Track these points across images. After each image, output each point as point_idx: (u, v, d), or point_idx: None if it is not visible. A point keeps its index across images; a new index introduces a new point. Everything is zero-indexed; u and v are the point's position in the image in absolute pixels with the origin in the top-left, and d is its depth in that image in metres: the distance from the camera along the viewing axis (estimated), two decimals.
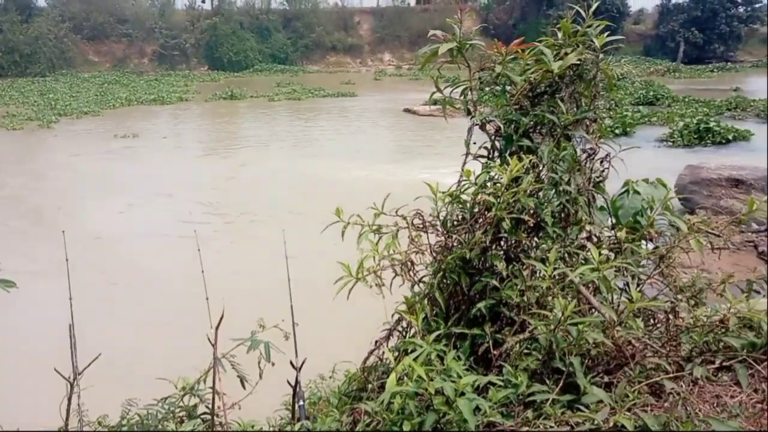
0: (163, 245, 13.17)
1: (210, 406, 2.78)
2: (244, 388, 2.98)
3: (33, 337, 8.91)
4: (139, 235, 14.26)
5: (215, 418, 2.76)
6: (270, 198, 17.12)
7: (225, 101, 40.28)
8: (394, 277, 3.02)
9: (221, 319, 2.91)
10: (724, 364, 2.32)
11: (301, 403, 2.73)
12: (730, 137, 20.94)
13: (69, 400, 2.63)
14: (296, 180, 19.12)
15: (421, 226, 3.11)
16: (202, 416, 2.87)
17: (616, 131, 21.77)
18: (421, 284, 3.05)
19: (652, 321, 2.79)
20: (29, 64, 53.49)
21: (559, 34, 3.09)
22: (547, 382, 2.24)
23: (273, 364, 2.93)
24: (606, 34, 3.03)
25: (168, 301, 9.99)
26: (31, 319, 9.39)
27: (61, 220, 14.52)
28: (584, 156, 3.18)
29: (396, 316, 2.99)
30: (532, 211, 2.85)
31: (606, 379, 2.31)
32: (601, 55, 3.08)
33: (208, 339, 2.90)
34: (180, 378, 3.07)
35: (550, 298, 2.55)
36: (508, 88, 3.16)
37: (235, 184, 19.18)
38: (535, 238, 2.97)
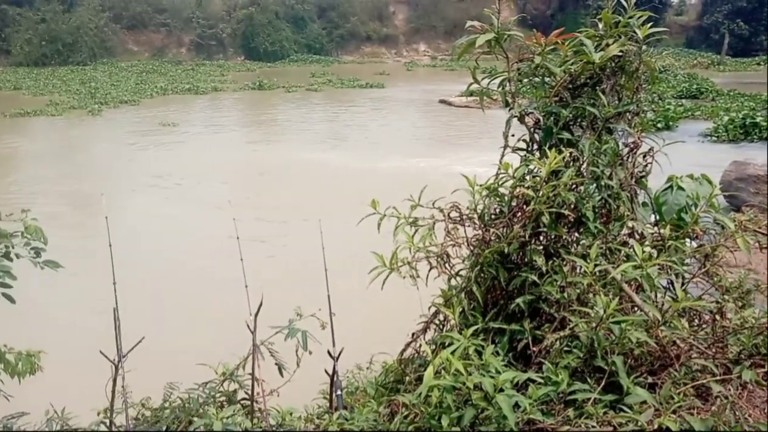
0: (203, 232, 13.41)
1: (249, 392, 2.83)
2: (281, 375, 3.02)
3: (80, 318, 9.20)
4: (179, 223, 14.55)
5: (254, 404, 2.81)
6: (306, 188, 17.24)
7: (254, 91, 40.60)
8: (430, 270, 3.02)
9: (260, 306, 2.95)
10: None
11: (339, 392, 2.75)
12: None
13: (114, 381, 2.70)
14: (331, 171, 19.21)
15: (458, 218, 3.09)
16: (242, 402, 2.92)
17: (659, 125, 21.30)
18: (457, 278, 3.04)
19: (697, 321, 2.73)
20: (71, 53, 54.71)
21: (600, 25, 3.03)
22: (589, 380, 2.21)
23: (310, 353, 2.96)
24: (648, 25, 2.96)
25: (208, 287, 10.18)
26: (76, 301, 9.69)
27: (104, 206, 14.88)
28: (626, 150, 3.12)
29: (433, 309, 2.99)
30: (572, 206, 2.81)
31: (650, 379, 2.27)
32: (644, 47, 3.01)
33: (247, 326, 2.94)
34: (220, 363, 3.12)
35: (591, 295, 2.51)
36: (547, 79, 3.12)
37: (271, 174, 19.38)
38: (576, 234, 2.93)
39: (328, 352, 2.96)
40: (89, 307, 9.19)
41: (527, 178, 2.91)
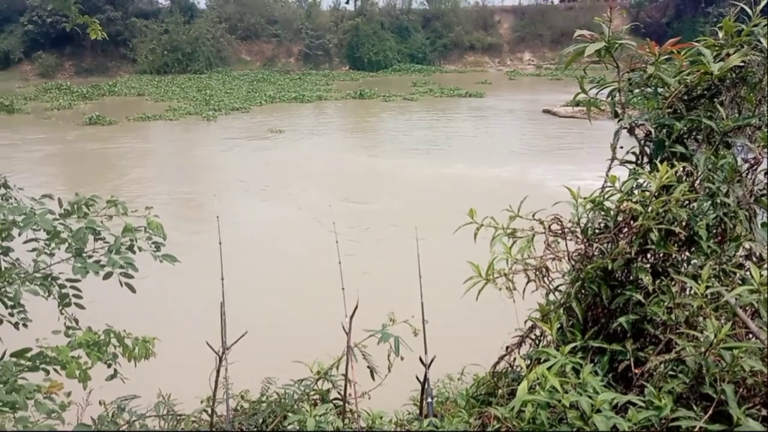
0: (303, 234, 13.89)
1: (342, 392, 2.89)
2: (373, 379, 3.06)
3: (187, 310, 9.79)
4: (280, 225, 15.14)
5: (346, 404, 2.87)
6: (401, 195, 17.41)
7: (354, 100, 41.49)
8: (528, 283, 2.96)
9: (356, 308, 3.01)
10: None
11: (430, 400, 2.75)
12: None
13: (217, 372, 2.85)
14: (430, 179, 19.27)
15: (559, 231, 3.01)
16: (334, 401, 3.00)
17: None
18: (556, 293, 2.96)
19: None
20: (189, 62, 58.47)
21: (720, 34, 2.86)
22: (695, 408, 2.08)
23: (402, 359, 2.99)
24: None
25: (306, 287, 10.53)
26: (186, 294, 10.31)
27: (215, 206, 15.77)
28: (746, 166, 2.92)
29: (529, 323, 2.93)
30: (684, 223, 2.66)
31: (763, 412, 2.10)
32: None
33: (343, 327, 3.01)
34: (315, 362, 3.22)
35: (701, 318, 2.36)
36: (660, 90, 2.98)
37: (372, 181, 19.73)
38: (687, 253, 2.77)
39: (420, 359, 2.97)
40: (196, 300, 9.75)
41: (635, 192, 2.79)
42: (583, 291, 2.75)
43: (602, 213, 2.86)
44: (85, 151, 25.23)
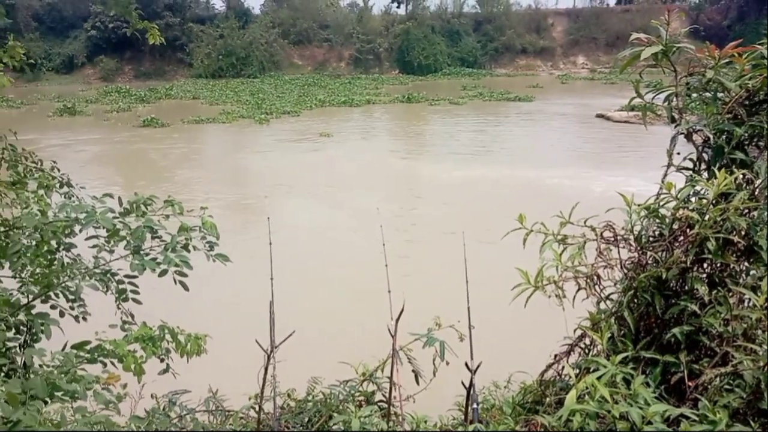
0: (352, 237, 14.00)
1: (386, 395, 2.90)
2: (417, 383, 3.06)
3: (237, 308, 10.00)
4: (329, 227, 15.30)
5: (391, 407, 2.88)
6: (451, 200, 17.34)
7: (402, 104, 41.57)
8: (578, 291, 2.90)
9: (401, 311, 3.02)
10: None
11: (475, 406, 2.73)
12: None
13: (266, 370, 2.91)
14: (476, 183, 19.13)
15: (611, 239, 2.95)
16: (379, 403, 3.01)
17: None
18: (607, 301, 2.90)
19: None
20: (243, 67, 59.79)
21: None
22: (752, 424, 2.00)
23: (447, 364, 2.97)
24: None
25: (353, 289, 10.61)
26: (236, 293, 10.53)
27: (266, 207, 16.07)
28: None
29: (578, 332, 2.87)
30: (743, 233, 2.57)
31: None
32: None
33: (388, 330, 3.02)
34: (360, 364, 3.24)
35: (759, 331, 2.27)
36: (720, 95, 2.88)
37: (419, 185, 19.74)
38: (746, 263, 2.67)
39: (466, 365, 2.95)
40: (245, 299, 9.95)
41: (692, 199, 2.71)
42: (635, 300, 2.69)
43: (657, 220, 2.79)
44: (139, 151, 26.18)
